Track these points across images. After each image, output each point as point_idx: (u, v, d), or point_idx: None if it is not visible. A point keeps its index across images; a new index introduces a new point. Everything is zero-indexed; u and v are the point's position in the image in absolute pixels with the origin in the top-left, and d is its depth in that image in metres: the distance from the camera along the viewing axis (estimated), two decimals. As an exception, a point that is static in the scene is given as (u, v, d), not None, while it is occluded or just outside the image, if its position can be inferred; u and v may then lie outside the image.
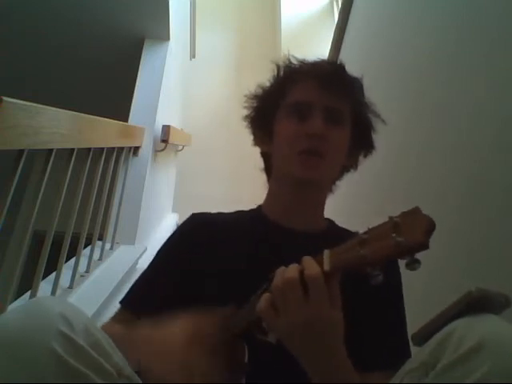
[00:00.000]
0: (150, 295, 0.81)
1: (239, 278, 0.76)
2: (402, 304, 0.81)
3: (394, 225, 0.48)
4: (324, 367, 0.58)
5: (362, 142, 0.88)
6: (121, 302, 0.83)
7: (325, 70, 0.84)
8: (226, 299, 0.74)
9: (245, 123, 0.93)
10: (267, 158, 0.92)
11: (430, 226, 0.45)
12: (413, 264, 0.46)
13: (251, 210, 0.92)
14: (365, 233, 0.51)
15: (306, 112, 0.81)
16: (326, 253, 0.56)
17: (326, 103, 0.81)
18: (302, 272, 0.56)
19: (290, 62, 0.89)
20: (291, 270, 0.56)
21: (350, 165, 0.90)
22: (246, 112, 0.92)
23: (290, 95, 0.85)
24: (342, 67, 0.87)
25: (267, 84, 0.91)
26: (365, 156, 0.90)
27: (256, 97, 0.91)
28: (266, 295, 0.58)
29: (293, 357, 0.58)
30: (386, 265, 0.49)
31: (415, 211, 0.48)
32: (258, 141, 0.92)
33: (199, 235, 0.84)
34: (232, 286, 0.76)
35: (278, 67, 0.89)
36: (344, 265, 0.53)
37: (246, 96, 0.92)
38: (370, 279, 0.49)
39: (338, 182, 0.91)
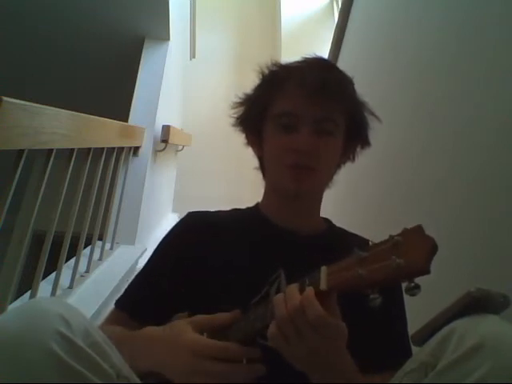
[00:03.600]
0: (145, 296, 0.81)
1: (236, 278, 0.76)
2: (403, 303, 0.80)
3: (394, 244, 0.46)
4: (331, 374, 0.58)
5: (357, 140, 0.86)
6: (116, 304, 0.83)
7: (313, 77, 0.77)
8: (224, 299, 0.74)
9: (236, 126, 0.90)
10: (261, 158, 0.91)
11: (432, 249, 0.44)
12: (412, 290, 0.44)
13: (248, 209, 0.92)
14: (365, 251, 0.49)
15: (294, 124, 0.78)
16: (323, 270, 0.54)
17: (314, 113, 0.77)
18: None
19: (277, 66, 0.85)
20: (294, 299, 0.54)
21: (346, 160, 0.88)
22: (234, 116, 0.89)
23: (278, 104, 0.81)
24: (331, 70, 0.83)
25: (254, 89, 0.88)
26: (362, 148, 0.88)
27: (244, 102, 0.89)
28: (273, 324, 0.55)
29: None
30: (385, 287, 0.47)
31: (417, 230, 0.46)
32: (250, 143, 0.91)
33: (195, 234, 0.84)
34: (229, 286, 0.75)
35: (263, 72, 0.86)
36: (341, 285, 0.51)
37: (233, 102, 0.89)
38: (367, 301, 0.47)
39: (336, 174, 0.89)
